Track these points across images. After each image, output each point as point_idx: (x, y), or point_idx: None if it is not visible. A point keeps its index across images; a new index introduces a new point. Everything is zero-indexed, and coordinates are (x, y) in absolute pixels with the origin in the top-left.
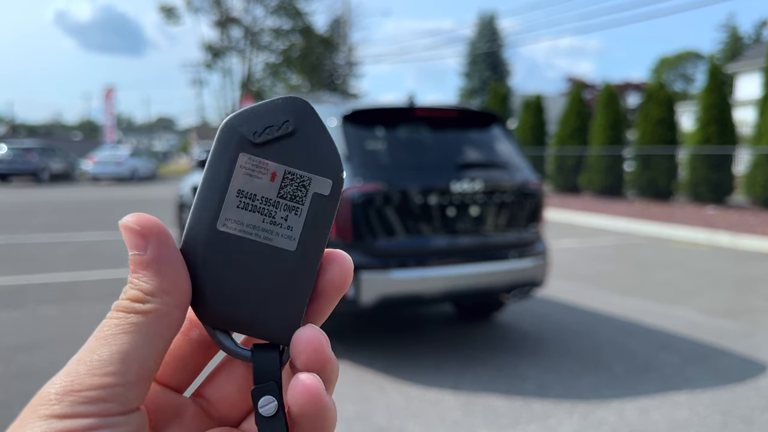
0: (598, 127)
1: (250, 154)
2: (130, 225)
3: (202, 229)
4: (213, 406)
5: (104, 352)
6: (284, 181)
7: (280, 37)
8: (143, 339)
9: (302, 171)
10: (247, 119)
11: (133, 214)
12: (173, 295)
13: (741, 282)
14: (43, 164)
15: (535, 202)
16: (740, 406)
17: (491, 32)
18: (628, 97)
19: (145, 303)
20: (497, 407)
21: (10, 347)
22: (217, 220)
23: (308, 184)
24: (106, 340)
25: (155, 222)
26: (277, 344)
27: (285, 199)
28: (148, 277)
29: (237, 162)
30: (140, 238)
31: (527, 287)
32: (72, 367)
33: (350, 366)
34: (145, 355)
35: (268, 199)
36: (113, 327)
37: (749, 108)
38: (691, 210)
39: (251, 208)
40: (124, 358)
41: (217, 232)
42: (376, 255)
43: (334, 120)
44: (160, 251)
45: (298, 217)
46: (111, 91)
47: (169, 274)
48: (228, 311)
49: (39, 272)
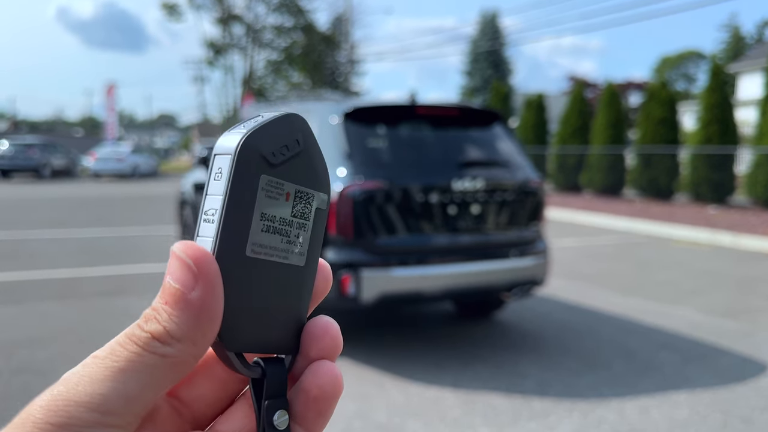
0: (600, 126)
1: (270, 175)
2: (182, 257)
3: (232, 258)
4: (186, 406)
5: (108, 388)
6: (296, 200)
7: (282, 34)
8: (152, 382)
9: (307, 188)
10: (264, 139)
11: (186, 243)
12: (199, 347)
13: (742, 282)
14: (44, 160)
15: (536, 200)
16: (740, 406)
17: (493, 30)
18: (629, 97)
19: (167, 345)
20: (497, 405)
21: (10, 342)
22: (246, 246)
23: (312, 201)
24: (114, 375)
25: (212, 262)
26: (281, 356)
27: (297, 217)
28: (182, 321)
29: (259, 185)
30: (191, 275)
31: (528, 286)
32: (69, 394)
33: (350, 363)
34: (150, 399)
35: (284, 219)
36: (123, 361)
37: (751, 108)
38: (692, 210)
39: (272, 230)
40: (128, 401)
41: (246, 259)
42: (376, 253)
43: (335, 117)
44: (206, 299)
45: (306, 233)
46: (112, 87)
47: (206, 324)
48: (249, 336)
49: (39, 268)
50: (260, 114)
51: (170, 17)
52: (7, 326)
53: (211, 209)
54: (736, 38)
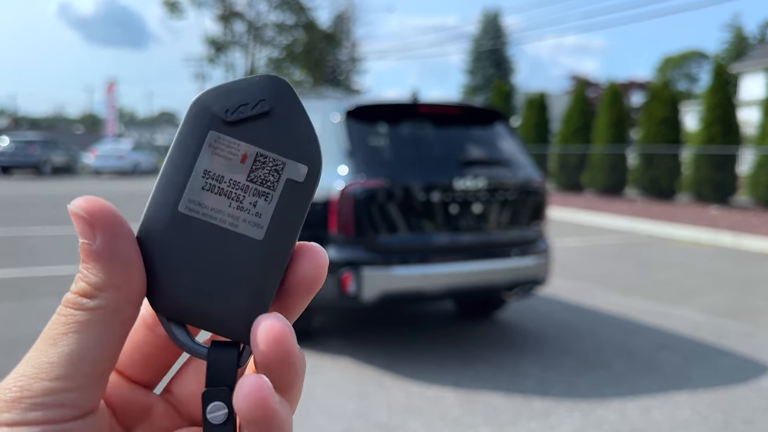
0: (602, 126)
1: (221, 132)
2: (77, 211)
3: (163, 211)
4: (181, 403)
5: (52, 355)
6: (255, 164)
7: (283, 32)
8: (92, 339)
9: (276, 154)
10: (220, 96)
11: (82, 198)
12: (124, 290)
13: (743, 282)
14: (45, 157)
15: (538, 200)
16: (742, 407)
17: (495, 29)
18: (632, 96)
19: (93, 299)
20: (498, 405)
21: (11, 340)
22: (180, 201)
23: (281, 169)
24: (54, 340)
25: (106, 207)
26: (236, 343)
27: (255, 183)
28: (97, 270)
29: (205, 140)
30: (88, 226)
31: (529, 285)
32: (21, 369)
33: (351, 362)
34: (96, 357)
35: (236, 182)
36: (60, 326)
37: (753, 108)
38: (693, 210)
39: (217, 191)
40: (72, 361)
41: (179, 214)
42: (378, 251)
43: (337, 115)
44: (110, 241)
45: (268, 204)
46: (113, 84)
47: (120, 267)
48: (184, 301)
49: (40, 265)
50: None
51: (171, 14)
52: (8, 323)
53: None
54: (738, 38)
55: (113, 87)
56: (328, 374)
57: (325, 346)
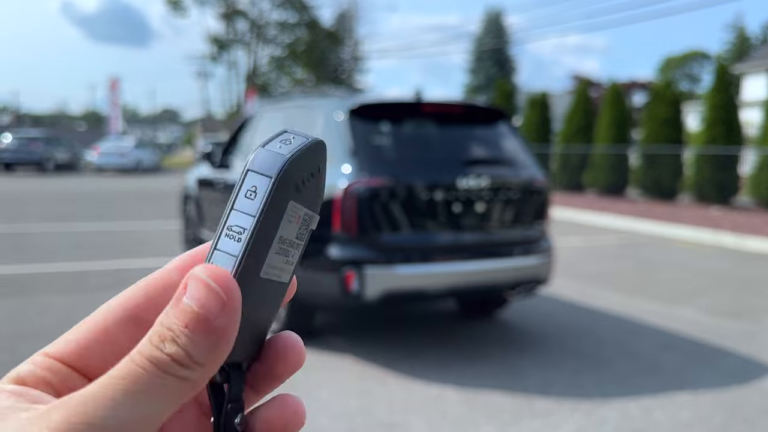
0: (604, 126)
1: (295, 201)
2: (209, 283)
3: (249, 280)
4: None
5: (127, 413)
6: (302, 223)
7: (285, 30)
8: (168, 404)
9: (312, 211)
10: (300, 166)
11: (211, 268)
12: (214, 370)
13: (745, 283)
14: (47, 154)
15: (541, 199)
16: (743, 408)
17: (497, 29)
18: (633, 96)
19: (188, 369)
20: (500, 403)
21: (15, 335)
22: (261, 268)
23: (310, 222)
24: (133, 397)
25: (236, 289)
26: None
27: (298, 239)
28: (204, 347)
29: (286, 210)
30: (219, 303)
31: (531, 284)
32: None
33: (353, 360)
34: (163, 418)
35: (291, 242)
36: (140, 383)
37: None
38: (695, 210)
39: (281, 252)
40: (142, 423)
41: (260, 280)
42: (380, 250)
43: (341, 114)
44: (229, 326)
45: (299, 252)
46: (116, 81)
47: (225, 350)
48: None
49: (44, 262)
50: (286, 130)
51: (174, 12)
52: (12, 319)
53: (237, 226)
54: (741, 39)
55: (116, 84)
56: (330, 372)
57: (327, 344)
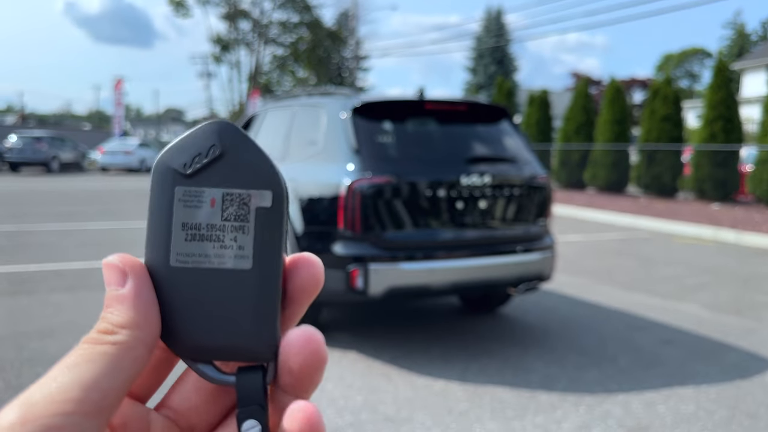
0: (604, 123)
1: (185, 186)
2: (112, 262)
3: (158, 269)
4: (181, 416)
5: (65, 380)
6: (224, 204)
7: (288, 30)
8: (106, 370)
9: (239, 189)
10: (175, 153)
11: (116, 255)
12: (142, 330)
13: (746, 278)
14: (53, 154)
15: (543, 196)
16: (746, 402)
17: (498, 27)
18: (633, 94)
19: (113, 335)
20: (504, 399)
21: (22, 333)
22: (169, 257)
23: (248, 201)
24: (69, 368)
25: (137, 261)
26: (259, 364)
27: (229, 221)
28: (121, 311)
29: (174, 197)
30: (120, 275)
31: (534, 281)
32: (28, 393)
33: (358, 356)
34: (106, 387)
35: (213, 225)
36: (77, 356)
37: (755, 105)
38: (695, 206)
39: (199, 238)
40: (83, 387)
41: (172, 269)
42: (384, 247)
43: (344, 112)
44: (137, 287)
45: (247, 235)
46: (120, 81)
47: (141, 308)
48: (202, 341)
49: (50, 260)
50: None
51: (177, 13)
52: (19, 318)
53: None
54: (740, 36)
55: (120, 84)
56: (336, 368)
57: (332, 340)
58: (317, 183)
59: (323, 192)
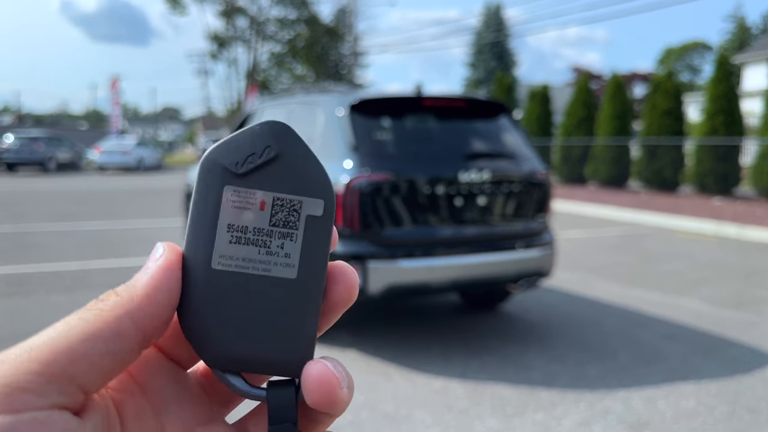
0: (605, 118)
1: (235, 186)
2: (159, 244)
3: (198, 272)
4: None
5: (39, 342)
6: (274, 209)
7: (285, 26)
8: (81, 336)
9: (291, 195)
10: (228, 150)
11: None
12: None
13: (747, 273)
14: (49, 154)
15: (543, 192)
16: (747, 397)
17: (497, 22)
18: (634, 88)
19: (101, 302)
20: (504, 396)
21: (20, 334)
22: (211, 259)
23: (299, 208)
24: (49, 331)
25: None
26: (292, 379)
27: (278, 226)
28: (127, 285)
29: (223, 196)
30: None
31: (534, 277)
32: (6, 352)
33: (358, 354)
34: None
35: (260, 230)
36: (62, 321)
37: (756, 99)
38: (697, 201)
39: (244, 241)
40: (54, 350)
41: (214, 272)
42: (383, 244)
43: (341, 110)
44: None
45: (294, 243)
46: (117, 80)
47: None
48: (237, 352)
49: (47, 261)
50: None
51: (174, 10)
52: (17, 318)
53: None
54: (741, 29)
55: (117, 83)
56: None
57: (332, 338)
58: None
59: None
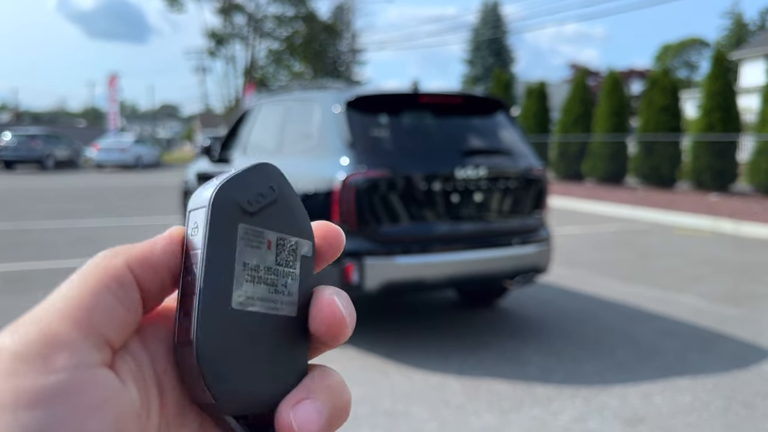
0: (602, 114)
1: (248, 224)
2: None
3: (218, 310)
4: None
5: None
6: (278, 248)
7: (283, 23)
8: (89, 287)
9: (289, 236)
10: (238, 188)
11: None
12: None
13: (743, 269)
14: (47, 151)
15: (539, 188)
16: (743, 392)
17: (495, 19)
18: (632, 84)
19: (101, 255)
20: (501, 391)
21: None
22: (231, 298)
23: (296, 248)
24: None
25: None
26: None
27: (281, 265)
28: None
29: (238, 234)
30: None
31: (531, 273)
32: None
33: (355, 351)
34: (94, 304)
35: (269, 268)
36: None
37: (753, 95)
38: (694, 197)
39: (258, 280)
40: (73, 305)
41: (233, 311)
42: (380, 241)
43: (338, 106)
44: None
45: (294, 282)
46: (115, 78)
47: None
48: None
49: (45, 258)
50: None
51: (172, 7)
52: (15, 316)
53: (191, 265)
54: (738, 25)
55: (115, 81)
56: (332, 363)
57: None
58: (311, 177)
59: (317, 186)
